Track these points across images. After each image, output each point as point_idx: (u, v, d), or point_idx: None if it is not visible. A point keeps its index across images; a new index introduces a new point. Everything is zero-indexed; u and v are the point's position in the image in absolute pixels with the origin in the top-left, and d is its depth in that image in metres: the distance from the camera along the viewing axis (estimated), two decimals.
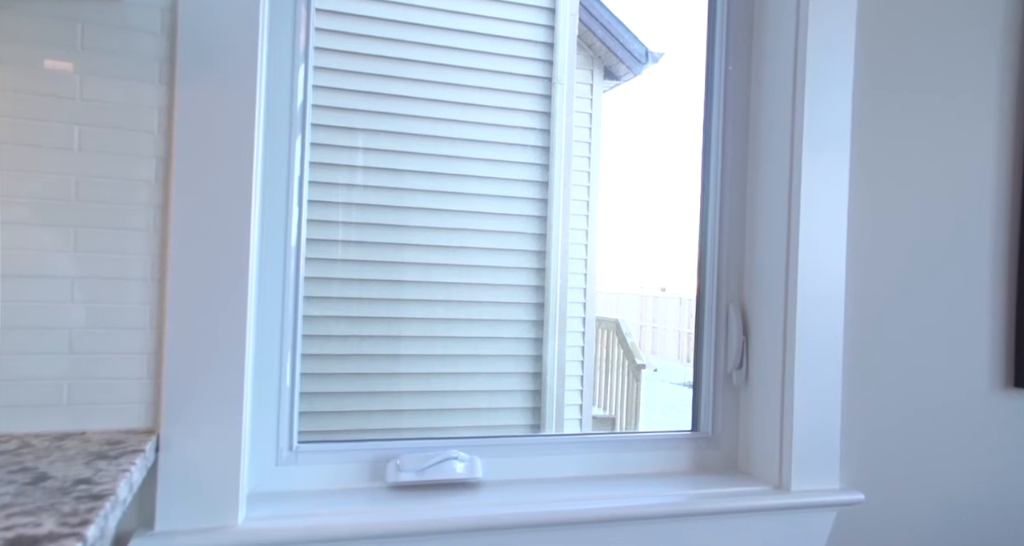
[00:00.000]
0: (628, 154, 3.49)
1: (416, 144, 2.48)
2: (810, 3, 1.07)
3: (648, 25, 3.52)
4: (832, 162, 1.08)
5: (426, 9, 2.49)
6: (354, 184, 2.44)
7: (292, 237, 0.96)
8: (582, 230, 3.04)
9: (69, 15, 0.76)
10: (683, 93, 3.53)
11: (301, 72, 0.97)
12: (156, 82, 0.80)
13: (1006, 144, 1.20)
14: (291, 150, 0.95)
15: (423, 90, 2.49)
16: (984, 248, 1.19)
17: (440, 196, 2.51)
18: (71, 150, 0.77)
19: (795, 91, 1.08)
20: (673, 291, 4.92)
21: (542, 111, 2.64)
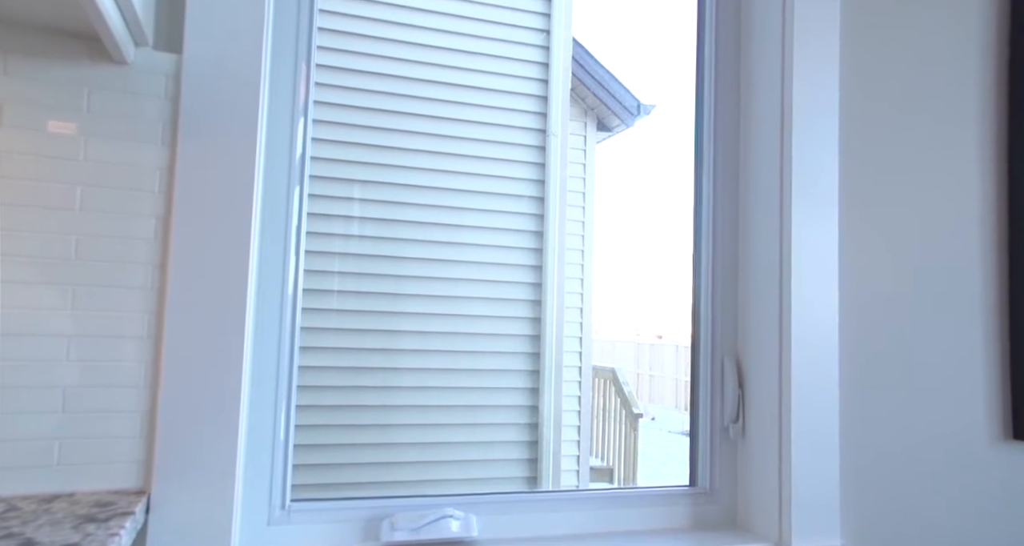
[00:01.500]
0: (622, 203, 3.53)
1: (412, 195, 2.51)
2: (795, 59, 1.10)
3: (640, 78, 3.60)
4: (821, 214, 1.10)
5: (422, 64, 2.55)
6: (350, 234, 2.46)
7: (289, 287, 0.96)
8: (577, 279, 3.05)
9: (78, 80, 0.78)
10: (675, 143, 3.59)
11: (301, 125, 0.99)
12: (158, 143, 0.82)
13: (990, 191, 1.22)
14: (289, 201, 0.97)
15: (419, 142, 2.53)
16: (976, 297, 1.20)
17: (436, 246, 2.53)
18: (73, 210, 0.78)
19: (783, 144, 1.11)
20: (670, 338, 4.92)
21: (537, 162, 2.68)
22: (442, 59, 2.58)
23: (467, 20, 2.59)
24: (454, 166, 2.57)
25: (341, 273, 2.44)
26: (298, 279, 0.99)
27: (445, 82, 2.61)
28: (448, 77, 2.57)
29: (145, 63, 0.82)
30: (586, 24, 3.06)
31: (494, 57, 2.64)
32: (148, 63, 0.82)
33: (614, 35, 2.87)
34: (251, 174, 0.85)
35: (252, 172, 0.85)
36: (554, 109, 2.68)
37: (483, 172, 2.62)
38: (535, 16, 2.72)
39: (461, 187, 2.56)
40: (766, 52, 1.15)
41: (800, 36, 1.11)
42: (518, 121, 2.68)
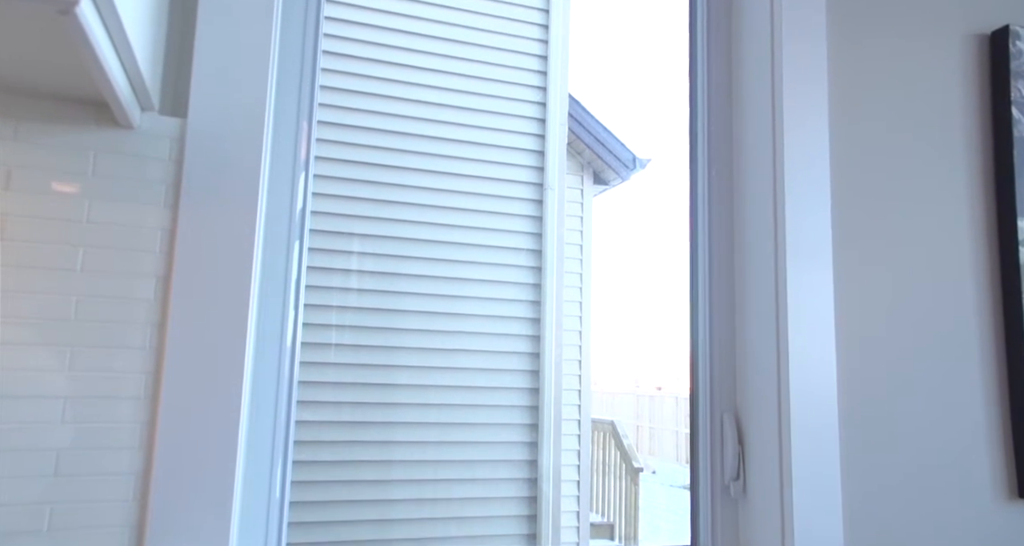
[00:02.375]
0: (620, 256, 3.56)
1: (411, 248, 2.53)
2: (784, 114, 1.13)
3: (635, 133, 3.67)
4: (816, 267, 1.11)
5: (421, 120, 2.60)
6: (349, 287, 2.47)
7: (287, 341, 0.96)
8: (576, 331, 3.05)
9: (84, 145, 0.80)
10: (671, 196, 3.63)
11: (301, 180, 1.01)
12: (161, 205, 0.83)
13: (981, 239, 1.23)
14: (289, 256, 0.98)
15: (418, 196, 2.56)
16: (975, 350, 1.20)
17: (434, 299, 2.54)
18: (74, 271, 0.79)
19: (775, 198, 1.13)
20: (669, 390, 4.88)
21: (534, 216, 2.71)
22: (441, 114, 2.64)
23: (465, 78, 2.65)
24: (452, 219, 2.60)
25: (339, 326, 2.44)
26: (296, 334, 1.00)
27: (444, 137, 2.65)
28: (447, 132, 2.62)
29: (150, 127, 0.84)
30: (582, 80, 3.13)
31: (492, 113, 2.69)
32: (153, 127, 0.84)
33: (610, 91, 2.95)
34: (252, 232, 0.86)
35: (253, 230, 0.86)
36: (551, 163, 2.73)
37: (481, 225, 2.65)
38: (532, 74, 2.79)
39: (459, 240, 2.58)
40: (757, 106, 1.18)
41: (789, 89, 1.14)
42: (516, 175, 2.72)
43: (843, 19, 1.20)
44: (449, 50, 2.69)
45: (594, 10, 2.78)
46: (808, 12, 1.17)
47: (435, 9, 2.73)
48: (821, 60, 1.17)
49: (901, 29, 1.24)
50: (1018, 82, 1.19)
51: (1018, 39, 1.21)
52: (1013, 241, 1.19)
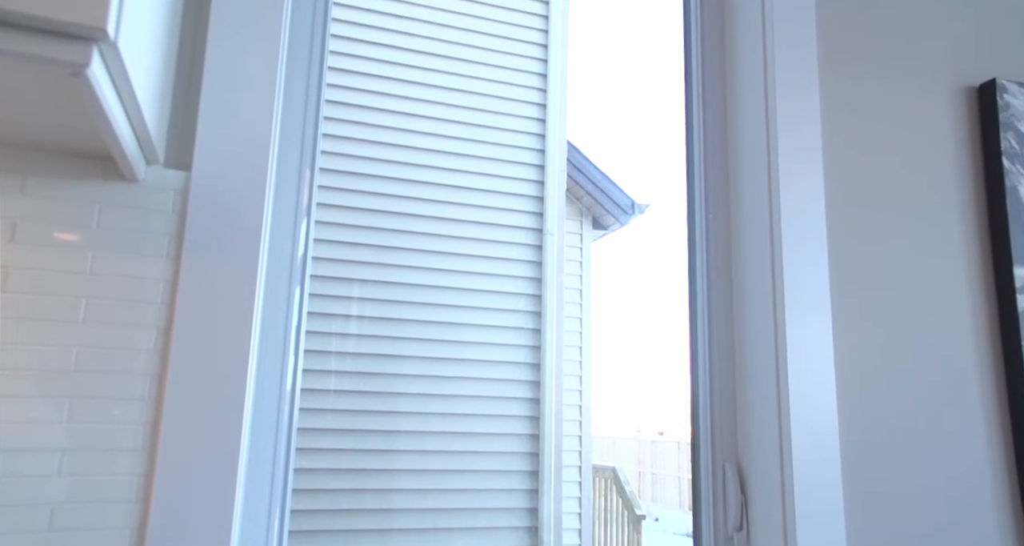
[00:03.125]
0: (620, 300, 3.56)
1: (411, 293, 2.53)
2: (780, 165, 1.15)
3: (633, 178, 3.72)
4: (815, 319, 1.12)
5: (420, 167, 2.63)
6: (348, 333, 2.46)
7: (287, 387, 0.96)
8: (576, 376, 3.04)
9: (90, 198, 0.81)
10: (670, 241, 3.65)
11: (303, 227, 1.02)
12: (163, 256, 0.84)
13: (977, 287, 1.24)
14: (290, 302, 0.98)
15: (418, 241, 2.58)
16: (976, 399, 1.20)
17: (434, 344, 2.53)
18: (76, 322, 0.79)
19: (773, 248, 1.14)
20: (671, 435, 4.83)
21: (534, 261, 2.72)
22: (441, 161, 2.67)
23: (464, 125, 2.70)
24: (452, 265, 2.61)
25: (339, 372, 2.43)
26: (296, 381, 0.99)
27: (444, 183, 2.68)
28: (447, 178, 2.65)
29: (155, 180, 0.85)
30: (580, 127, 3.19)
31: (491, 159, 2.73)
32: (158, 180, 0.85)
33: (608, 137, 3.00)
34: (253, 282, 0.87)
35: (254, 279, 0.87)
36: (550, 209, 2.75)
37: (481, 271, 2.66)
38: (531, 121, 2.84)
39: (459, 285, 2.59)
40: (752, 154, 1.20)
41: (784, 140, 1.16)
42: (515, 221, 2.75)
43: (834, 70, 1.23)
44: (448, 98, 2.74)
45: (592, 58, 2.85)
46: (800, 64, 1.20)
47: (434, 59, 2.79)
48: (814, 110, 1.19)
49: (892, 81, 1.27)
50: (1007, 133, 1.21)
51: (1005, 92, 1.24)
52: (1011, 289, 1.19)
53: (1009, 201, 1.20)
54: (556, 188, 2.82)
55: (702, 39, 1.30)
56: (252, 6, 0.93)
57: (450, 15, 2.74)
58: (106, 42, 0.58)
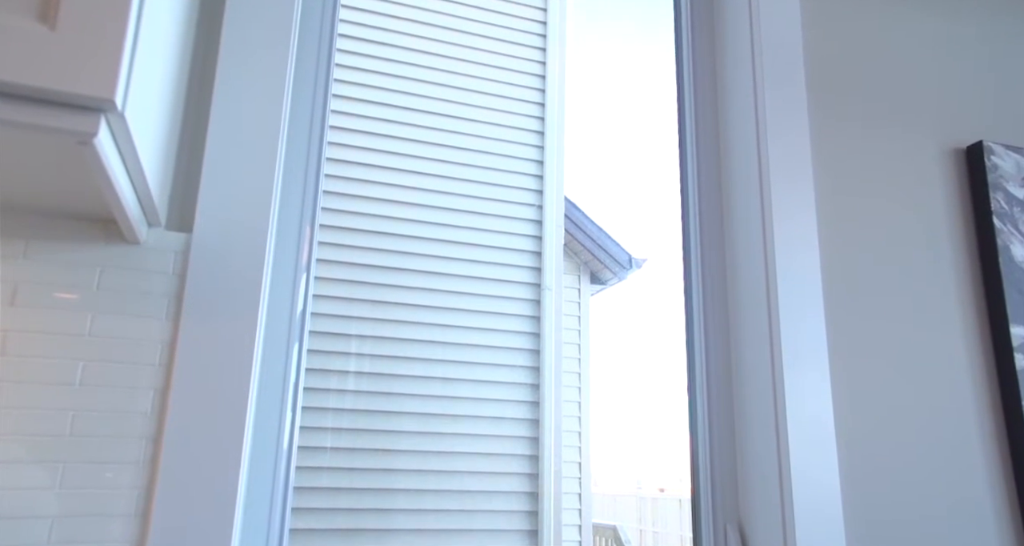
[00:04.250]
0: (618, 355, 3.55)
1: (408, 348, 2.52)
2: (775, 223, 1.16)
3: (631, 233, 3.76)
4: (813, 378, 1.11)
5: (420, 223, 2.66)
6: (345, 389, 2.44)
7: (284, 446, 0.95)
8: (575, 432, 3.00)
9: (91, 261, 0.82)
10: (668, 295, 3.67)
11: (303, 282, 1.02)
12: (162, 318, 0.84)
13: (978, 355, 1.24)
14: (288, 359, 0.98)
15: (415, 296, 2.58)
16: (978, 458, 1.19)
17: (431, 400, 2.51)
18: (73, 385, 0.79)
19: (769, 306, 1.14)
20: (672, 491, 4.74)
21: (532, 315, 2.72)
22: (438, 217, 2.70)
23: (463, 182, 2.73)
24: (450, 320, 2.61)
25: (335, 429, 2.40)
26: (293, 440, 0.98)
27: (441, 238, 2.70)
28: (445, 234, 2.67)
29: (156, 242, 0.86)
30: (578, 183, 3.24)
31: (489, 215, 2.76)
32: (159, 242, 0.86)
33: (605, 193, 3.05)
34: (252, 341, 0.87)
35: (253, 339, 0.87)
36: (548, 264, 2.77)
37: (478, 326, 2.66)
38: (528, 177, 2.87)
39: (457, 341, 2.58)
40: (746, 211, 1.22)
41: (778, 201, 1.18)
42: (513, 276, 2.76)
43: (824, 130, 1.26)
44: (447, 155, 2.79)
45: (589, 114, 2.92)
46: (791, 125, 1.23)
47: (433, 117, 2.85)
48: (806, 169, 1.21)
49: (882, 143, 1.29)
50: (996, 193, 1.23)
51: (992, 154, 1.26)
52: (1008, 348, 1.19)
53: (1002, 260, 1.21)
54: (554, 243, 2.84)
55: (695, 100, 1.33)
56: (257, 70, 0.96)
57: (448, 75, 2.81)
58: (114, 112, 0.60)
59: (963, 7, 1.45)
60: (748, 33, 1.27)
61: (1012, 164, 1.26)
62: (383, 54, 2.70)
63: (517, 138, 2.87)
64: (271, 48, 0.97)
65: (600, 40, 2.96)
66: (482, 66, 2.91)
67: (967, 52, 1.42)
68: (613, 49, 3.19)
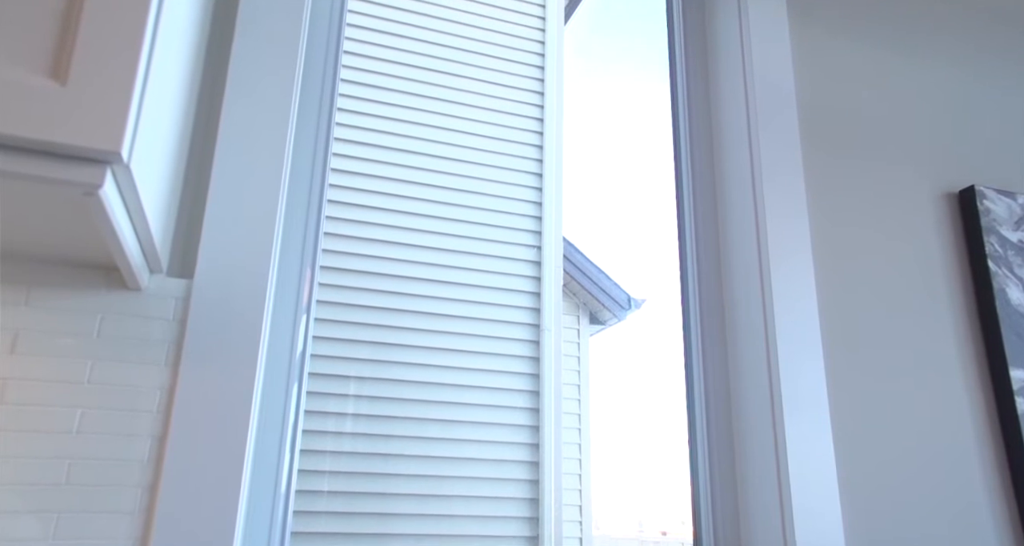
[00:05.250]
0: (618, 396, 3.53)
1: (406, 390, 2.51)
2: (771, 266, 1.17)
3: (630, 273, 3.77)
4: (813, 423, 1.11)
5: (419, 264, 2.66)
6: (343, 431, 2.42)
7: (282, 489, 0.94)
8: (575, 474, 2.96)
9: (92, 308, 0.82)
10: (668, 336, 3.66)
11: (303, 324, 1.02)
12: (162, 364, 0.84)
13: (978, 400, 1.23)
14: (287, 401, 0.97)
15: (414, 338, 2.57)
16: (983, 503, 1.17)
17: (430, 442, 2.48)
18: (70, 433, 0.79)
19: (768, 348, 1.14)
20: (675, 535, 4.66)
21: (531, 356, 2.71)
22: (438, 258, 2.71)
23: (462, 223, 2.75)
24: (449, 361, 2.60)
25: (332, 473, 2.37)
26: (291, 484, 0.97)
27: (441, 280, 2.71)
28: (444, 275, 2.67)
29: (157, 289, 0.87)
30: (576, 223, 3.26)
31: (488, 256, 2.77)
32: (160, 288, 0.87)
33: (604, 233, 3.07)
34: (251, 387, 0.86)
35: (252, 384, 0.87)
36: (547, 305, 2.77)
37: (478, 367, 2.65)
38: (527, 219, 2.89)
39: (456, 382, 2.57)
40: (743, 255, 1.23)
41: (775, 243, 1.19)
42: (512, 316, 2.75)
43: (818, 174, 1.28)
44: (446, 197, 2.81)
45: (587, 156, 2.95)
46: (786, 169, 1.24)
47: (432, 159, 2.88)
48: (802, 213, 1.22)
49: (876, 188, 1.31)
50: (990, 237, 1.25)
51: (984, 198, 1.28)
52: (1008, 391, 1.19)
53: (999, 303, 1.21)
54: (553, 284, 2.84)
55: (691, 144, 1.35)
56: (260, 115, 0.98)
57: (447, 118, 2.85)
58: (119, 164, 0.61)
59: (952, 55, 1.49)
60: (741, 78, 1.30)
61: (1004, 208, 1.28)
62: (383, 98, 2.74)
63: (516, 180, 2.90)
64: (275, 95, 0.99)
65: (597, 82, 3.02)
66: (481, 109, 2.96)
67: (956, 98, 1.45)
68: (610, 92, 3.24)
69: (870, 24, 1.43)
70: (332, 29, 1.18)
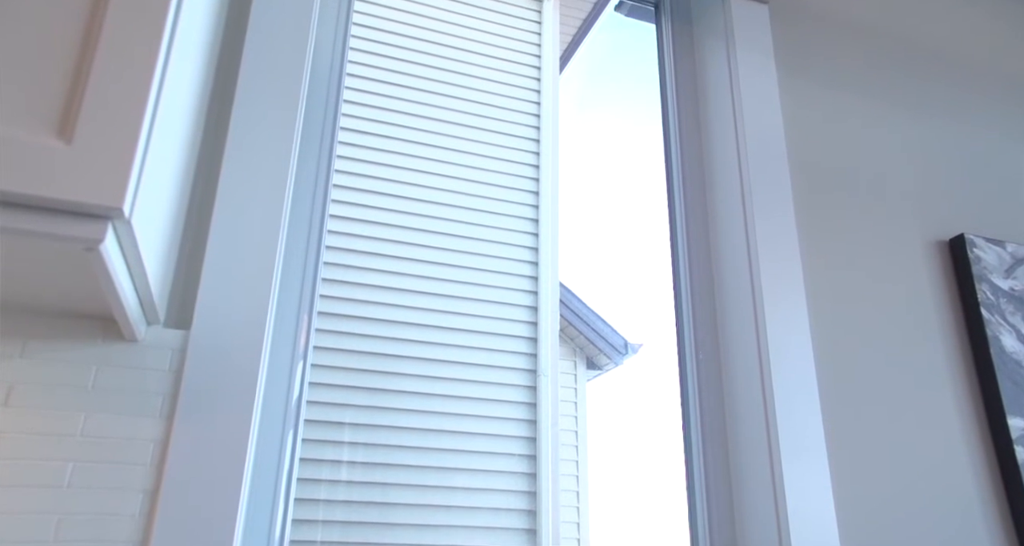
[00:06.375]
0: (616, 441, 3.50)
1: (402, 437, 2.48)
2: (767, 313, 1.17)
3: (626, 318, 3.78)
4: (812, 470, 1.10)
5: (416, 309, 2.66)
6: (338, 480, 2.38)
7: (275, 538, 0.93)
8: (574, 523, 2.92)
9: (88, 359, 0.82)
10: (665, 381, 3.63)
11: (299, 370, 1.02)
12: (156, 416, 0.84)
13: (977, 449, 1.23)
14: (282, 449, 0.96)
15: (410, 384, 2.56)
16: (982, 535, 1.16)
17: (426, 490, 2.44)
18: (61, 488, 0.78)
19: (765, 394, 1.14)
20: None
21: (528, 402, 2.69)
22: (434, 304, 2.70)
23: (457, 268, 2.76)
24: (445, 407, 2.58)
25: (326, 522, 2.33)
26: (285, 534, 0.96)
27: (437, 325, 2.70)
28: (440, 321, 2.67)
29: (154, 340, 0.87)
30: (573, 268, 3.28)
31: (484, 302, 2.77)
32: (157, 339, 0.87)
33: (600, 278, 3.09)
34: (246, 435, 0.86)
35: (247, 432, 0.86)
36: (544, 350, 2.76)
37: (474, 413, 2.62)
38: (524, 264, 2.90)
39: (452, 429, 2.54)
40: (738, 300, 1.23)
41: (768, 284, 1.19)
42: (509, 362, 2.74)
43: (811, 225, 1.29)
44: (442, 242, 2.83)
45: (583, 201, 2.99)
46: (778, 219, 1.26)
47: (428, 206, 2.90)
48: (795, 260, 1.23)
49: (868, 237, 1.33)
50: (982, 285, 1.26)
51: (974, 246, 1.30)
52: (1007, 440, 1.18)
53: (993, 350, 1.22)
54: (549, 328, 2.84)
55: (684, 194, 1.37)
56: (261, 166, 0.99)
57: (444, 165, 2.88)
58: (121, 219, 0.62)
59: (940, 107, 1.52)
60: (732, 127, 1.32)
61: (994, 256, 1.29)
62: (382, 145, 2.78)
63: (512, 225, 2.92)
64: (275, 146, 1.01)
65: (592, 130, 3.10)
66: (478, 156, 2.99)
67: (945, 149, 1.47)
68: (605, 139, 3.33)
69: (859, 76, 1.47)
70: (332, 83, 1.21)
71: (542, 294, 2.91)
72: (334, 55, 1.23)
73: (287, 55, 1.06)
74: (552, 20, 3.05)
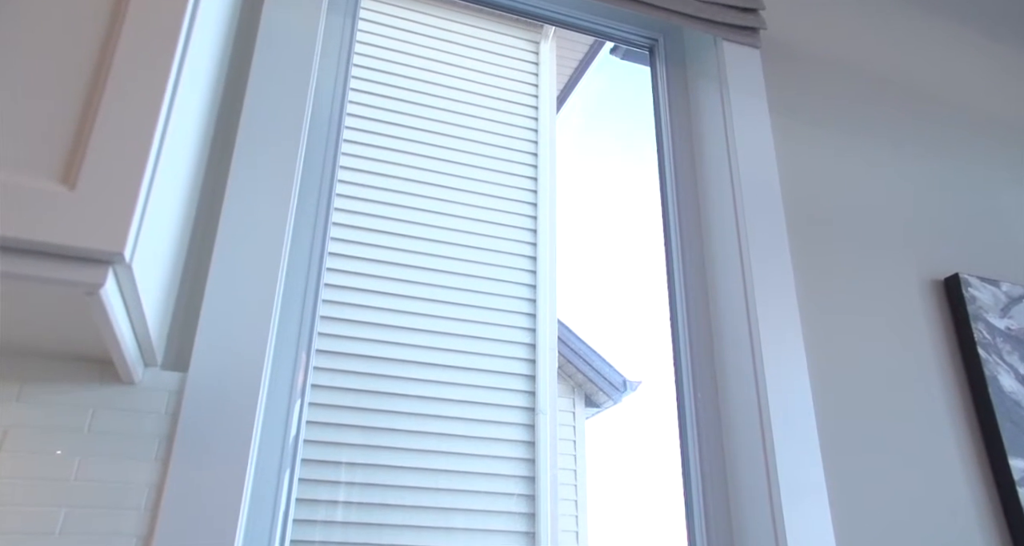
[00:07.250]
0: (615, 479, 3.45)
1: (400, 476, 2.45)
2: (764, 355, 1.17)
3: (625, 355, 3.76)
4: (813, 512, 1.09)
5: (413, 347, 2.66)
6: (334, 521, 2.35)
7: None
8: None
9: (84, 402, 0.82)
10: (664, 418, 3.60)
11: (296, 408, 1.01)
12: (151, 459, 0.83)
13: (980, 491, 1.21)
14: (278, 491, 0.95)
15: (409, 422, 2.54)
16: None
17: (425, 531, 2.41)
18: (52, 535, 0.77)
19: (764, 437, 1.13)
20: None
21: (526, 440, 2.67)
22: (434, 341, 2.70)
23: (456, 306, 2.76)
24: (443, 446, 2.55)
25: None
26: None
27: (435, 363, 2.69)
28: (438, 359, 2.66)
29: (151, 382, 0.86)
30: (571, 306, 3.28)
31: (483, 339, 2.76)
32: (154, 382, 0.86)
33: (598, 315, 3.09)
34: (241, 477, 0.85)
35: (243, 477, 0.85)
36: (542, 387, 2.75)
37: (471, 451, 2.60)
38: (521, 301, 2.91)
39: (450, 468, 2.51)
40: (735, 338, 1.23)
41: (765, 329, 1.20)
42: (506, 399, 2.73)
43: (807, 265, 1.30)
44: (441, 280, 2.83)
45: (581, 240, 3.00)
46: (775, 260, 1.27)
47: (426, 243, 2.92)
48: (791, 299, 1.24)
49: (863, 277, 1.33)
50: (978, 324, 1.26)
51: (969, 286, 1.30)
52: (1010, 482, 1.17)
53: (991, 390, 1.21)
54: (547, 367, 2.83)
55: (680, 233, 1.38)
56: (260, 209, 1.00)
57: (443, 203, 2.91)
58: (121, 264, 0.62)
59: (933, 147, 1.54)
60: (727, 167, 1.34)
61: (989, 296, 1.30)
62: (380, 184, 2.81)
63: (510, 263, 2.93)
64: (275, 188, 1.02)
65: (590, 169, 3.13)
66: (476, 195, 3.02)
67: (938, 189, 1.49)
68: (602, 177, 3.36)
69: (852, 117, 1.49)
70: (333, 122, 1.23)
71: (540, 332, 2.91)
72: (335, 95, 1.26)
73: (288, 97, 1.07)
74: (549, 61, 3.10)
